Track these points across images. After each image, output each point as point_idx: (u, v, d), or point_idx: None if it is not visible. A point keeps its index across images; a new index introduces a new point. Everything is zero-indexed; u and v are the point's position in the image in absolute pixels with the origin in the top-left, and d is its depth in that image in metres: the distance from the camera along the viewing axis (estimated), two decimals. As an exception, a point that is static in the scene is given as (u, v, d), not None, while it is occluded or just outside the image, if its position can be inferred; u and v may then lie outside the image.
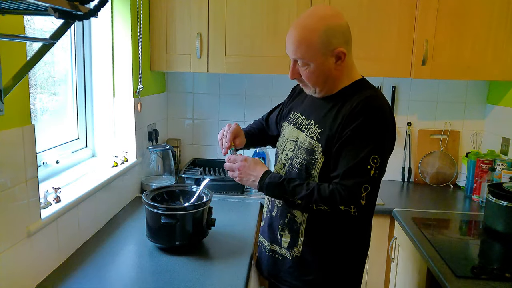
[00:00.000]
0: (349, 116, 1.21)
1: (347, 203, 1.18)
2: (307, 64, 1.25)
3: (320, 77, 1.27)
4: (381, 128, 1.21)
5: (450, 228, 1.88)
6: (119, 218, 1.83)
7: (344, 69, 1.28)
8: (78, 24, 1.87)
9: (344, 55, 1.24)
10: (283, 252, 1.38)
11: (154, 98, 2.38)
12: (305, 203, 1.22)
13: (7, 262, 1.14)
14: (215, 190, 2.20)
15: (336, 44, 1.22)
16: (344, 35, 1.24)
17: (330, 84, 1.30)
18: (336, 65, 1.25)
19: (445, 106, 2.49)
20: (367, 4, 2.10)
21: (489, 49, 2.09)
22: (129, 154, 2.06)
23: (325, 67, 1.25)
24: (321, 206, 1.20)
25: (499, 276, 1.37)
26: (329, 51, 1.22)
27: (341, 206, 1.18)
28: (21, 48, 1.19)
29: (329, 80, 1.28)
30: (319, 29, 1.21)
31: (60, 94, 1.81)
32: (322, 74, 1.26)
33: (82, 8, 0.86)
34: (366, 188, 1.17)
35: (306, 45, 1.22)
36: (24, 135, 1.20)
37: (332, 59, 1.24)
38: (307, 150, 1.30)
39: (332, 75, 1.27)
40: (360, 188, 1.17)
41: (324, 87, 1.30)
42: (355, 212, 1.18)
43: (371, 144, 1.18)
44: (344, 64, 1.26)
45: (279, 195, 1.29)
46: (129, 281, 1.33)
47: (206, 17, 2.17)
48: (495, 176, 2.08)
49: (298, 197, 1.22)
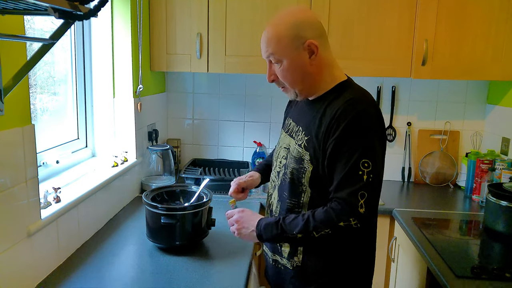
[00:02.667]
0: (331, 123, 1.17)
1: (345, 217, 1.12)
2: (280, 61, 1.22)
3: (296, 74, 1.23)
4: (366, 130, 1.15)
5: (450, 228, 1.88)
6: (119, 218, 1.83)
7: (323, 67, 1.23)
8: (78, 24, 1.87)
9: (317, 47, 1.19)
10: (284, 262, 1.34)
11: (154, 98, 2.38)
12: (305, 234, 1.16)
13: (7, 262, 1.14)
14: (215, 190, 2.19)
15: (306, 37, 1.18)
16: (315, 28, 1.21)
17: (309, 83, 1.24)
18: (311, 60, 1.20)
19: (445, 106, 2.49)
20: (367, 4, 2.10)
21: (489, 49, 2.09)
22: (129, 154, 2.06)
23: (299, 62, 1.21)
24: (321, 231, 1.14)
25: (499, 276, 1.37)
26: (300, 44, 1.19)
27: (340, 222, 1.12)
28: (21, 48, 1.19)
29: (306, 77, 1.23)
30: (287, 23, 1.19)
31: (60, 94, 1.81)
32: (297, 70, 1.22)
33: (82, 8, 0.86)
34: (363, 195, 1.12)
35: (276, 39, 1.20)
36: (24, 135, 1.20)
37: (304, 53, 1.20)
38: (296, 158, 1.26)
39: (308, 71, 1.22)
40: (355, 197, 1.12)
41: (303, 86, 1.25)
42: (357, 224, 1.12)
43: (358, 149, 1.13)
44: (319, 59, 1.21)
45: (278, 236, 1.21)
46: (129, 281, 1.33)
47: (206, 17, 2.17)
48: (495, 176, 2.08)
49: (296, 231, 1.17)
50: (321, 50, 1.21)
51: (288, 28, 1.19)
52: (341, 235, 1.15)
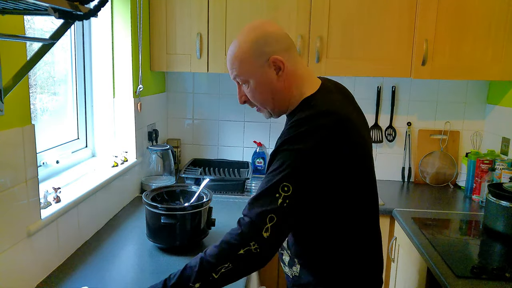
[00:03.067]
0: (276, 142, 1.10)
1: (245, 242, 0.99)
2: (247, 82, 1.15)
3: (264, 94, 1.15)
4: (300, 153, 1.02)
5: (450, 228, 1.88)
6: (119, 218, 1.83)
7: (292, 81, 1.14)
8: (78, 24, 1.87)
9: (283, 63, 1.11)
10: (286, 270, 1.32)
11: (154, 98, 2.38)
12: (203, 280, 1.00)
13: (7, 262, 1.14)
14: (215, 190, 2.20)
15: (270, 52, 1.11)
16: (279, 42, 1.12)
17: (280, 100, 1.16)
18: (278, 76, 1.12)
19: (445, 106, 2.49)
20: (367, 4, 2.10)
21: (489, 49, 2.09)
22: (129, 154, 2.06)
23: (266, 80, 1.13)
24: (221, 268, 0.99)
25: (499, 276, 1.37)
26: (264, 61, 1.11)
27: (240, 250, 0.99)
28: (21, 48, 1.18)
29: (276, 95, 1.15)
30: (248, 41, 1.11)
31: (60, 94, 1.81)
32: (265, 89, 1.14)
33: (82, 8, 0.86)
34: (272, 218, 0.99)
35: (239, 60, 1.13)
36: (24, 135, 1.20)
37: (270, 70, 1.12)
38: None
39: (276, 88, 1.14)
40: (263, 219, 0.99)
41: (275, 105, 1.17)
42: (257, 249, 0.98)
43: (284, 170, 1.01)
44: (288, 74, 1.13)
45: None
46: (129, 281, 1.33)
47: (206, 17, 2.17)
48: (495, 176, 2.08)
49: (192, 281, 1.00)
50: (289, 64, 1.13)
51: (249, 47, 1.11)
52: (244, 266, 1.01)
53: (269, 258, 1.03)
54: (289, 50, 1.14)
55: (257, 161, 2.59)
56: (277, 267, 2.18)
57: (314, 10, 2.12)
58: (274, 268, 2.18)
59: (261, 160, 2.60)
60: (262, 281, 1.69)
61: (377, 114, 2.51)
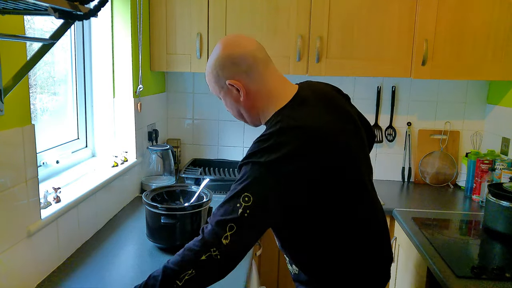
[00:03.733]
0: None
1: (206, 248, 1.00)
2: (219, 97, 1.24)
3: (234, 110, 1.24)
4: (263, 165, 1.02)
5: (450, 228, 1.88)
6: (119, 218, 1.83)
7: (257, 100, 1.17)
8: (78, 24, 1.87)
9: (240, 86, 1.15)
10: (289, 267, 1.36)
11: (154, 98, 2.38)
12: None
13: (7, 262, 1.14)
14: (215, 190, 2.19)
15: (226, 77, 1.16)
16: (237, 65, 1.14)
17: (249, 115, 1.22)
18: (241, 96, 1.17)
19: (445, 106, 2.49)
20: (367, 4, 2.10)
21: (489, 49, 2.09)
22: (129, 154, 2.06)
23: (230, 99, 1.20)
24: (184, 275, 0.99)
25: (499, 276, 1.37)
26: (223, 84, 1.17)
27: (202, 256, 1.00)
28: (21, 48, 1.18)
29: (244, 111, 1.21)
30: (210, 64, 1.19)
31: (60, 94, 1.81)
32: (232, 106, 1.22)
33: (82, 8, 0.86)
34: (231, 227, 1.00)
35: (208, 80, 1.23)
36: (24, 135, 1.20)
37: (231, 90, 1.17)
38: None
39: (242, 106, 1.20)
40: (223, 227, 1.00)
41: (246, 119, 1.25)
42: (217, 255, 0.99)
43: (246, 180, 1.03)
44: (250, 94, 1.16)
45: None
46: (129, 281, 1.33)
47: (206, 17, 2.17)
48: (495, 176, 2.08)
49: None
50: (252, 86, 1.16)
51: (210, 71, 1.19)
52: (206, 273, 1.02)
53: (230, 266, 1.04)
54: (250, 70, 1.15)
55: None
56: (277, 267, 2.18)
57: (314, 10, 2.12)
58: (274, 268, 2.18)
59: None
60: (262, 281, 1.69)
61: (377, 114, 2.51)
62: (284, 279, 2.20)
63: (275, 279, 2.20)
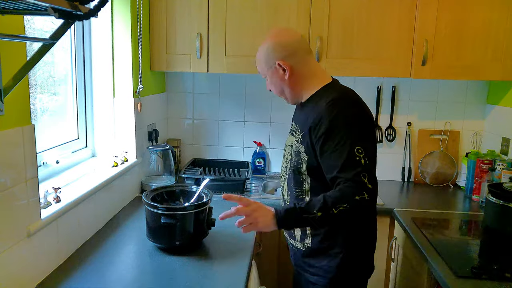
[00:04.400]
0: (315, 121, 1.32)
1: (359, 192, 1.24)
2: (265, 76, 1.47)
3: (276, 87, 1.47)
4: (349, 123, 1.29)
5: (450, 228, 1.88)
6: (119, 218, 1.83)
7: (300, 79, 1.42)
8: (78, 24, 1.87)
9: (287, 67, 1.39)
10: (297, 245, 1.50)
11: (154, 98, 2.38)
12: (325, 211, 1.25)
13: (7, 262, 1.14)
14: (215, 190, 2.19)
15: (275, 58, 1.40)
16: (285, 49, 1.39)
17: (289, 92, 1.45)
18: (285, 76, 1.40)
19: (445, 106, 2.49)
20: (367, 4, 2.10)
21: (489, 49, 2.09)
22: (129, 154, 2.06)
23: (275, 78, 1.43)
24: (340, 206, 1.24)
25: (499, 276, 1.37)
26: (272, 64, 1.41)
27: (355, 197, 1.23)
28: (21, 48, 1.19)
29: (286, 89, 1.45)
30: (262, 49, 1.44)
31: (60, 94, 1.81)
32: (276, 84, 1.45)
33: (82, 8, 0.87)
34: (365, 175, 1.25)
35: (258, 61, 1.47)
36: (24, 135, 1.20)
37: (278, 71, 1.41)
38: (295, 152, 1.44)
39: (286, 84, 1.43)
40: (360, 177, 1.24)
41: (285, 96, 1.48)
42: (368, 197, 1.24)
43: (348, 139, 1.27)
44: (294, 74, 1.41)
45: (298, 218, 1.28)
46: (129, 281, 1.33)
47: (206, 17, 2.17)
48: (495, 176, 2.08)
49: (316, 209, 1.25)
50: (296, 67, 1.40)
51: (262, 54, 1.44)
52: (356, 210, 1.25)
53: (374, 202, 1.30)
54: (295, 55, 1.40)
55: (257, 161, 2.59)
56: (277, 267, 2.18)
57: (314, 10, 2.12)
58: (274, 268, 2.18)
59: (261, 160, 2.60)
60: (262, 281, 1.70)
61: (377, 114, 2.51)
62: (284, 279, 2.20)
63: (275, 279, 2.20)
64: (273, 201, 2.10)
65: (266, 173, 2.62)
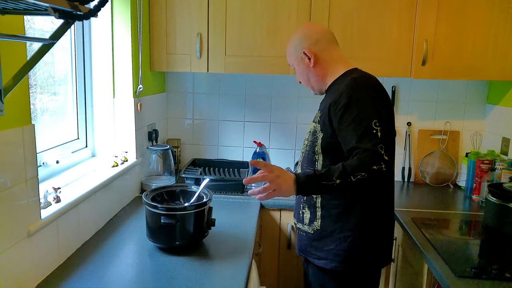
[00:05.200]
0: (336, 97, 1.38)
1: (376, 161, 1.28)
2: (294, 67, 1.58)
3: (303, 76, 1.56)
4: (369, 98, 1.36)
5: (450, 228, 1.88)
6: (119, 218, 1.83)
7: (324, 66, 1.51)
8: (78, 24, 1.87)
9: (312, 55, 1.49)
10: (305, 228, 1.53)
11: (154, 98, 2.38)
12: (343, 178, 1.28)
13: (7, 262, 1.14)
14: (215, 190, 2.20)
15: (302, 48, 1.51)
16: (311, 38, 1.50)
17: (316, 81, 1.54)
18: (311, 64, 1.50)
19: (445, 106, 2.49)
20: (367, 4, 2.10)
21: (489, 49, 2.09)
22: (129, 154, 2.06)
23: (302, 67, 1.53)
24: (358, 175, 1.27)
25: (499, 276, 1.37)
26: (299, 54, 1.52)
27: (373, 166, 1.27)
28: (21, 48, 1.18)
29: (312, 78, 1.54)
30: (292, 40, 1.56)
31: (60, 94, 1.81)
32: (303, 73, 1.55)
33: (82, 8, 0.86)
34: (382, 147, 1.30)
35: (288, 53, 1.58)
36: (24, 135, 1.20)
37: (305, 60, 1.51)
38: (311, 132, 1.50)
39: (311, 73, 1.52)
40: (377, 147, 1.29)
41: (312, 85, 1.57)
42: (385, 167, 1.29)
43: (366, 113, 1.33)
44: (319, 61, 1.50)
45: (317, 185, 1.31)
46: (129, 281, 1.33)
47: (206, 17, 2.17)
48: (495, 176, 2.08)
49: (335, 177, 1.28)
50: (321, 55, 1.50)
51: (291, 44, 1.55)
52: (373, 178, 1.29)
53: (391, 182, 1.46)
54: (319, 43, 1.50)
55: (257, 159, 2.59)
56: (277, 268, 2.18)
57: (314, 10, 2.12)
58: (274, 268, 2.18)
59: (261, 160, 2.60)
60: (262, 281, 1.70)
61: (377, 114, 2.51)
62: (284, 279, 2.20)
63: (275, 279, 2.20)
64: (273, 201, 2.11)
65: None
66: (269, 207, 2.12)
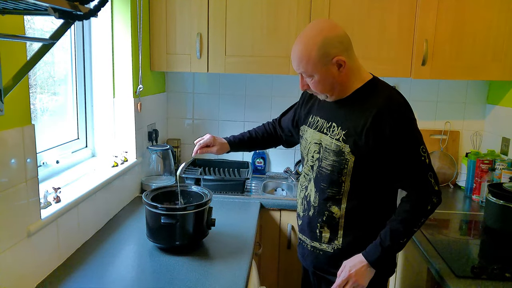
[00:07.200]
0: (375, 118, 1.30)
1: (429, 200, 1.31)
2: (311, 76, 1.33)
3: (326, 85, 1.35)
4: (412, 120, 1.34)
5: (450, 228, 1.88)
6: (119, 218, 1.83)
7: (349, 73, 1.35)
8: (78, 24, 1.87)
9: (344, 62, 1.30)
10: (323, 247, 1.46)
11: (154, 98, 2.38)
12: (410, 235, 1.32)
13: (7, 262, 1.14)
14: (215, 190, 2.20)
15: (334, 54, 1.29)
16: (342, 44, 1.31)
17: (339, 89, 1.37)
18: (339, 71, 1.32)
19: (445, 106, 2.49)
20: (367, 4, 2.10)
21: (489, 49, 2.09)
22: (129, 154, 2.06)
23: (329, 75, 1.32)
24: (420, 224, 1.33)
25: (499, 276, 1.37)
26: (329, 61, 1.30)
27: (427, 207, 1.31)
28: (21, 48, 1.19)
29: (336, 86, 1.35)
30: (316, 43, 1.28)
31: (60, 94, 1.81)
32: (327, 82, 1.34)
33: (82, 8, 0.87)
34: (431, 175, 1.31)
35: (306, 59, 1.30)
36: (24, 135, 1.20)
37: (334, 67, 1.31)
38: (335, 151, 1.37)
39: (337, 81, 1.34)
40: (427, 179, 1.31)
41: (333, 92, 1.37)
42: (437, 200, 1.32)
43: (413, 138, 1.32)
44: (347, 69, 1.33)
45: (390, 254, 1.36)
46: (129, 281, 1.33)
47: (206, 17, 2.17)
48: (495, 176, 2.08)
49: (402, 240, 1.31)
50: (348, 62, 1.32)
51: (317, 48, 1.28)
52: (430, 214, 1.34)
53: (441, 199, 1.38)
54: (348, 49, 1.34)
55: (257, 161, 2.59)
56: (277, 268, 2.18)
57: (314, 10, 2.12)
58: (274, 268, 2.18)
59: (261, 160, 2.60)
60: (262, 281, 1.70)
61: (377, 114, 2.51)
62: (284, 279, 2.20)
63: (275, 279, 2.20)
64: (273, 201, 2.11)
65: (266, 173, 2.62)
66: (269, 207, 2.12)
